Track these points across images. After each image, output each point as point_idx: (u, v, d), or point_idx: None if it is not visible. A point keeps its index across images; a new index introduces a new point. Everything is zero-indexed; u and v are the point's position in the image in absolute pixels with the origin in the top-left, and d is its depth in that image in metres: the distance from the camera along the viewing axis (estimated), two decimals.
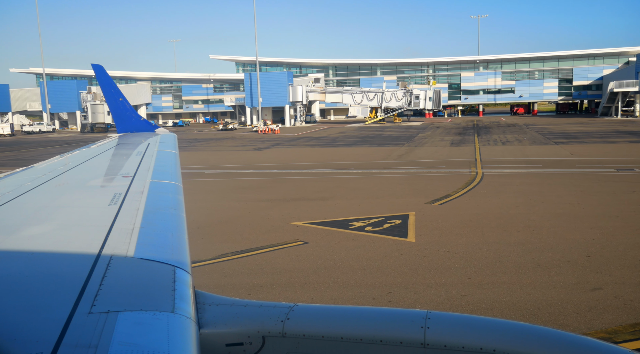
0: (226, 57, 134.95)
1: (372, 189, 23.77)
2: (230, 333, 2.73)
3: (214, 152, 47.85)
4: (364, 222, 16.87)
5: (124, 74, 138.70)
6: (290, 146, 52.39)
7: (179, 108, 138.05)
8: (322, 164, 34.84)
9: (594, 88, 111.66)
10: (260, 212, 19.03)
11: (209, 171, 32.52)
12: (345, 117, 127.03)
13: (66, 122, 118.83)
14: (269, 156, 42.08)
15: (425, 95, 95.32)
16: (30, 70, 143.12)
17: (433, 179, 26.07)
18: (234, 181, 28.17)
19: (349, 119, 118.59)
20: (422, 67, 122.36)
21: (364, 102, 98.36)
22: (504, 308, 9.54)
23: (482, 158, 34.89)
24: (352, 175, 28.56)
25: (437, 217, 17.26)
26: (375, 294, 10.46)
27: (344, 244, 14.26)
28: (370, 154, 40.73)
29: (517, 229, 15.23)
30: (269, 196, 22.66)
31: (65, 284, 2.44)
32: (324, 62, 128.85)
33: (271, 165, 35.17)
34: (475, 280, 11.04)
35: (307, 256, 13.22)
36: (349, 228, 16.13)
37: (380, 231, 15.60)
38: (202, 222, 17.64)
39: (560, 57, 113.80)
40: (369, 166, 32.96)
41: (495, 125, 79.08)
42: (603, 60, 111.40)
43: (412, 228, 15.80)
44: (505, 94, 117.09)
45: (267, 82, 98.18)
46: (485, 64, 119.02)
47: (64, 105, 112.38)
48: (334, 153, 43.13)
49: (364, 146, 49.13)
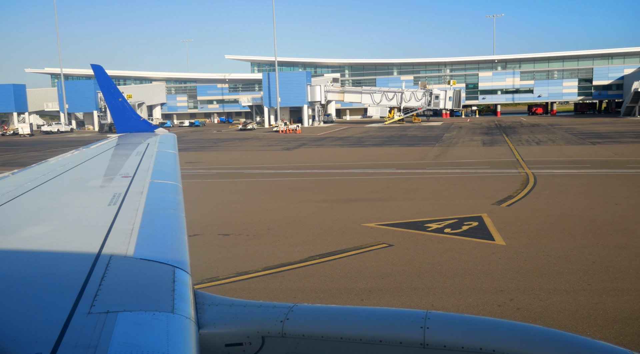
0: (242, 57, 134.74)
1: (426, 189, 23.23)
2: (229, 333, 2.72)
3: (244, 152, 47.43)
4: (439, 224, 16.35)
5: (138, 74, 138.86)
6: (318, 146, 51.90)
7: (193, 108, 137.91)
8: (359, 164, 34.33)
9: (615, 88, 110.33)
10: (323, 214, 18.54)
11: (248, 171, 32.10)
12: (361, 117, 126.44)
13: (82, 122, 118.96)
14: (301, 156, 41.61)
15: (445, 95, 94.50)
16: (45, 71, 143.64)
17: (484, 180, 25.48)
18: (277, 181, 27.71)
19: (366, 119, 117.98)
20: (439, 67, 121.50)
21: (383, 102, 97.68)
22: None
23: (524, 159, 34.22)
24: (397, 175, 28.03)
25: (513, 219, 16.70)
26: (496, 300, 9.94)
27: (431, 247, 13.74)
28: (404, 154, 40.16)
29: (608, 232, 14.65)
30: (322, 196, 22.17)
31: (64, 285, 2.43)
32: (339, 62, 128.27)
33: (308, 165, 34.69)
34: (596, 286, 10.49)
35: (400, 259, 12.70)
36: (427, 230, 15.62)
37: (461, 233, 15.07)
38: (270, 223, 17.17)
39: (580, 57, 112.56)
40: (409, 166, 32.40)
41: (518, 125, 78.22)
42: (624, 60, 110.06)
43: (494, 230, 15.25)
44: (524, 93, 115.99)
45: (286, 82, 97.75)
46: (503, 64, 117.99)
47: (81, 105, 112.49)
48: (367, 153, 42.59)
49: (394, 146, 48.56)
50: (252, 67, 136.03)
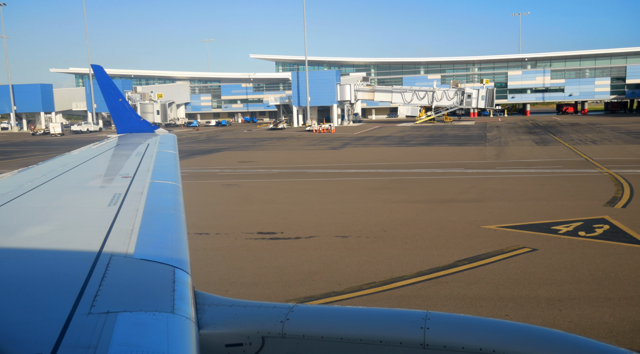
0: (267, 57, 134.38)
1: (517, 190, 22.33)
2: (229, 333, 2.70)
3: (291, 151, 46.76)
4: (566, 226, 15.48)
5: (162, 74, 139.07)
6: (362, 145, 51.09)
7: (217, 108, 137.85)
8: (420, 163, 33.48)
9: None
10: (428, 215, 17.74)
11: (310, 171, 31.39)
12: (387, 116, 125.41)
13: (109, 121, 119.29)
14: (352, 156, 40.83)
15: (477, 93, 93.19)
16: (70, 70, 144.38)
17: (571, 180, 24.50)
18: (349, 181, 26.96)
19: (392, 119, 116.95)
20: (467, 66, 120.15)
21: (414, 101, 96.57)
22: None
23: (593, 158, 33.14)
24: (471, 175, 27.14)
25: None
26: None
27: (581, 251, 12.90)
28: (459, 154, 39.21)
29: None
30: (410, 196, 21.36)
31: (65, 285, 2.43)
32: (365, 61, 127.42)
33: (367, 165, 33.91)
34: None
35: (561, 265, 11.87)
36: (558, 233, 14.76)
37: (599, 237, 14.21)
38: (379, 224, 16.40)
39: (612, 55, 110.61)
40: (475, 165, 31.49)
41: (556, 124, 76.76)
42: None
43: (634, 234, 14.35)
44: (554, 92, 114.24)
45: (315, 81, 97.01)
46: (533, 63, 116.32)
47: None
48: (419, 153, 41.70)
49: (442, 145, 47.61)
50: (277, 66, 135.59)
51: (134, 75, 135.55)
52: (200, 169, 34.06)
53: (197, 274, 12.00)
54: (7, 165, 39.24)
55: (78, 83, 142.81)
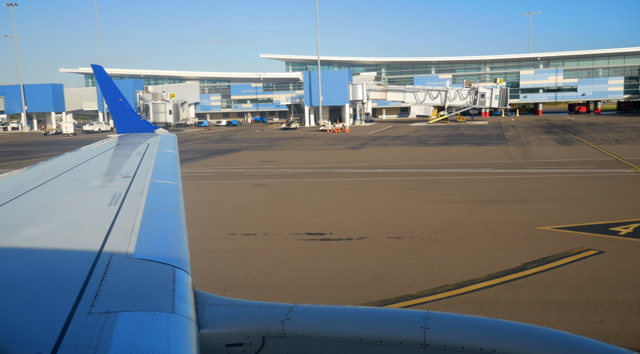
0: (277, 56, 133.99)
1: (557, 190, 21.88)
2: (230, 333, 2.68)
3: (310, 151, 46.37)
4: (625, 228, 15.06)
5: (172, 74, 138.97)
6: (381, 145, 50.66)
7: (227, 108, 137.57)
8: (446, 163, 33.05)
9: None
10: (475, 216, 17.33)
11: (337, 171, 31.01)
12: (397, 116, 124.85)
13: None
14: (374, 155, 40.42)
15: (491, 93, 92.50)
16: (79, 70, 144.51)
17: (609, 180, 24.03)
18: (380, 181, 26.56)
19: (404, 118, 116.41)
20: (479, 65, 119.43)
21: (427, 101, 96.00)
22: None
23: (623, 157, 32.61)
24: (504, 175, 26.68)
25: None
26: None
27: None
28: (483, 154, 38.73)
29: None
30: (448, 197, 20.95)
31: (65, 284, 2.42)
32: (375, 60, 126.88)
33: (392, 164, 33.50)
34: None
35: (637, 268, 11.42)
36: (618, 235, 14.33)
37: None
38: (427, 225, 15.99)
39: (626, 54, 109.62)
40: (505, 165, 31.01)
41: (573, 124, 76.09)
42: None
43: None
44: (567, 92, 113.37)
45: (327, 81, 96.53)
46: (545, 62, 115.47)
47: None
48: (441, 152, 41.23)
49: (462, 145, 47.11)
50: (287, 66, 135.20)
51: (144, 75, 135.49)
52: (224, 169, 33.73)
53: (258, 277, 11.64)
54: (26, 164, 39.00)
55: (87, 83, 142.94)
